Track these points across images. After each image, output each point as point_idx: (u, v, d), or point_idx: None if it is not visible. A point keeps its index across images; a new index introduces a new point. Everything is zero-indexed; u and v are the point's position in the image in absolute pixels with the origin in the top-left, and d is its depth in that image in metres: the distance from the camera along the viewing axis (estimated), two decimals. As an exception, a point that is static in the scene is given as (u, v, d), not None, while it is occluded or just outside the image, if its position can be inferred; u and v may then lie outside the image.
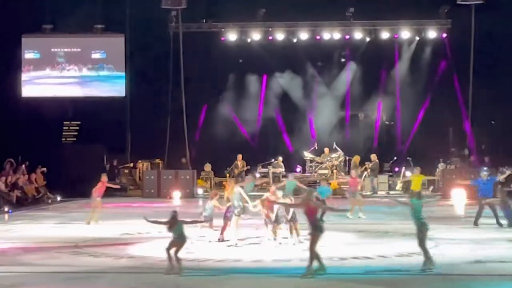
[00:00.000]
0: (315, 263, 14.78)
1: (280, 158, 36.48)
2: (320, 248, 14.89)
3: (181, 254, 15.21)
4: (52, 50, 37.88)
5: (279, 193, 19.22)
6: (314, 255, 14.78)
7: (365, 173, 35.72)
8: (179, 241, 15.23)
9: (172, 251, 15.12)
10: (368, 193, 34.04)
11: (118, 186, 30.32)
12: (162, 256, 15.47)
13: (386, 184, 36.07)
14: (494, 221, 22.46)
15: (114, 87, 37.74)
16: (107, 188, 24.79)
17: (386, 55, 39.54)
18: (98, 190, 24.17)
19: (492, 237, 20.27)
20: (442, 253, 17.15)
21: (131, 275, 15.35)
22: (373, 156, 36.04)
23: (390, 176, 36.86)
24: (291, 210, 18.64)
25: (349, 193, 26.43)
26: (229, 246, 18.70)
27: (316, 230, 14.93)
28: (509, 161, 35.38)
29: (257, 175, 35.13)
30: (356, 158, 36.00)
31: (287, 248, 18.36)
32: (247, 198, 19.47)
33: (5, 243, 19.45)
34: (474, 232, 21.40)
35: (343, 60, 40.30)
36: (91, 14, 36.61)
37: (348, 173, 36.68)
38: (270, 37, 39.09)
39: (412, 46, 39.49)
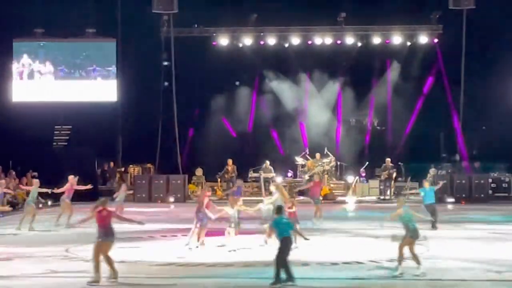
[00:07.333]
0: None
1: (267, 162, 36.35)
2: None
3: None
4: (43, 54, 37.79)
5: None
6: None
7: (356, 177, 35.77)
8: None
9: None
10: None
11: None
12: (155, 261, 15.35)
13: (377, 189, 36.01)
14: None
15: (105, 91, 37.65)
16: None
17: (378, 60, 39.59)
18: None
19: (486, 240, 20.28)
20: (435, 258, 17.16)
21: (121, 279, 15.27)
22: (387, 161, 35.18)
23: (382, 181, 36.78)
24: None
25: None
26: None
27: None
28: (499, 167, 35.62)
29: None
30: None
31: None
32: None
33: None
34: (467, 236, 21.42)
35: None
36: (83, 18, 36.56)
37: (340, 178, 36.90)
38: (262, 42, 39.12)
39: (403, 51, 39.54)
